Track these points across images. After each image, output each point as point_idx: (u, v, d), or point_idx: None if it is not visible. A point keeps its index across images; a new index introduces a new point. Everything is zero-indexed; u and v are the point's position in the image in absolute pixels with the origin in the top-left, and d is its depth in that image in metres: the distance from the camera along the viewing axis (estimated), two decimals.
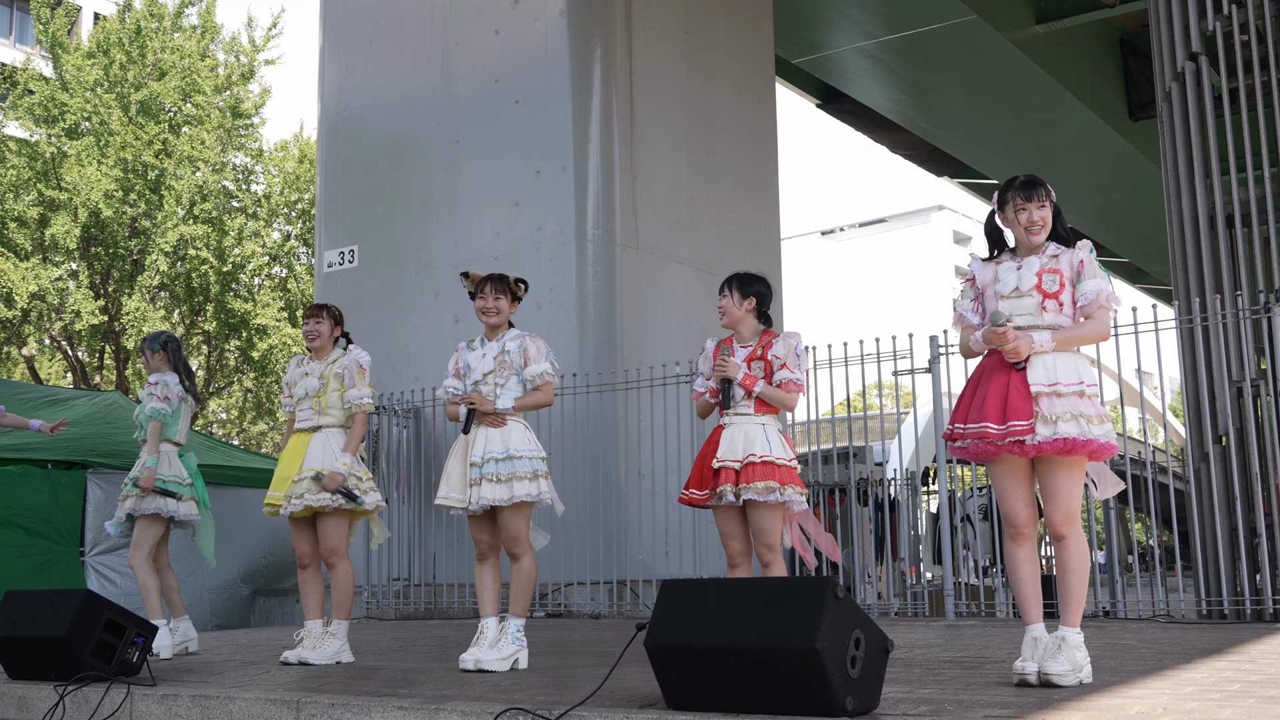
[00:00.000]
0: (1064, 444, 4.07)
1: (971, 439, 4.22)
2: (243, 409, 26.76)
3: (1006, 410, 4.14)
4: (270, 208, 23.54)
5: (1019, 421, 4.10)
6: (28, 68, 22.74)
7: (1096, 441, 4.09)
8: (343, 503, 5.88)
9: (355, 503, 5.89)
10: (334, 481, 5.83)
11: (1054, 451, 4.09)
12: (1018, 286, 4.26)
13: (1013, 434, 4.11)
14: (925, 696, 3.96)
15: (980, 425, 4.18)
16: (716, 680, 3.65)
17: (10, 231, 21.03)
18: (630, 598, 9.22)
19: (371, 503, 6.00)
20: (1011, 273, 4.30)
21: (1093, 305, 4.22)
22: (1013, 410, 4.12)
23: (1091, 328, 4.23)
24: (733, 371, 5.24)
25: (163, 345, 7.02)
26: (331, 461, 5.90)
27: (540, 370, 5.46)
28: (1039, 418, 4.09)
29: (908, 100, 17.66)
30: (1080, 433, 4.07)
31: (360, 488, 5.95)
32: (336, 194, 11.79)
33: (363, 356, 6.10)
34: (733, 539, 5.28)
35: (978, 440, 4.20)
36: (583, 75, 10.56)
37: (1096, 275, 4.25)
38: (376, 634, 8.06)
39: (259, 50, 23.29)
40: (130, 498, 6.77)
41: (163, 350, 7.01)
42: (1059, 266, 4.25)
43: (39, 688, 5.22)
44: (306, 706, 4.39)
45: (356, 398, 6.00)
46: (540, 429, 8.77)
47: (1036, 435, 4.08)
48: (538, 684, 4.72)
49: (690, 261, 11.07)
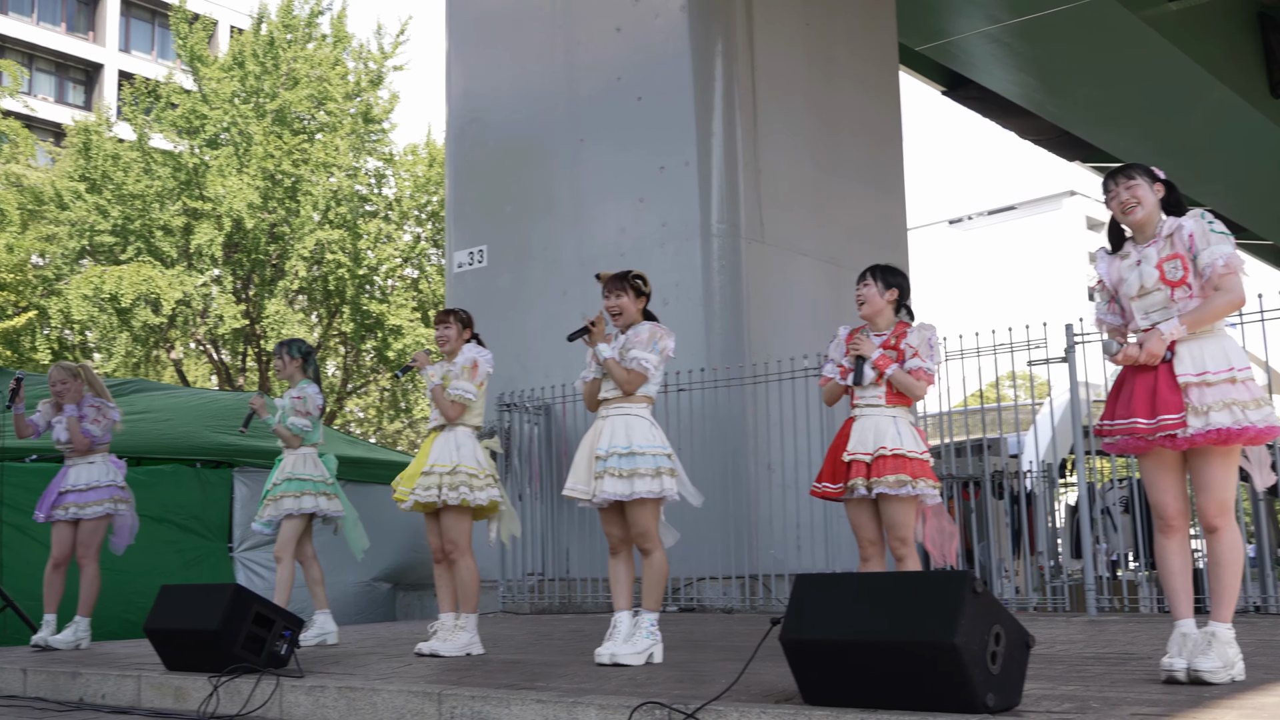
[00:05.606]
0: (1218, 435, 3.91)
1: (1121, 434, 4.10)
2: (379, 408, 27.41)
3: (1155, 404, 4.00)
4: (401, 211, 24.05)
5: (1169, 415, 3.97)
6: (170, 81, 23.60)
7: (1254, 428, 3.91)
8: (450, 498, 5.97)
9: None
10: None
11: (1208, 443, 3.94)
12: (1142, 284, 4.12)
13: (1163, 428, 3.97)
14: (1069, 693, 3.88)
15: (1130, 421, 4.05)
16: (853, 675, 3.62)
17: (157, 240, 21.88)
18: (762, 592, 9.20)
19: (484, 499, 6.10)
20: (1132, 270, 4.15)
21: (1216, 275, 4.00)
22: (1162, 404, 3.99)
23: (1222, 300, 4.01)
24: (868, 350, 5.18)
25: (303, 355, 7.26)
26: (450, 458, 6.03)
27: (637, 356, 5.41)
28: (1190, 409, 3.95)
29: (1035, 84, 17.25)
30: (1235, 421, 3.90)
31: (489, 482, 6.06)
32: (465, 195, 12.00)
33: (481, 355, 6.20)
34: (865, 532, 5.23)
35: (1128, 436, 4.08)
36: (704, 69, 10.56)
37: (1211, 242, 4.03)
38: (512, 628, 8.19)
39: (388, 57, 23.81)
40: (286, 498, 7.04)
41: (302, 359, 7.25)
42: (1176, 250, 4.07)
43: (194, 678, 5.42)
44: (448, 699, 4.48)
45: (456, 389, 6.11)
46: (668, 424, 8.81)
47: (1189, 429, 3.93)
48: (672, 678, 4.74)
49: (816, 254, 10.99)
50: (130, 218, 21.79)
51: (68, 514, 7.35)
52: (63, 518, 7.36)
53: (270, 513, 7.11)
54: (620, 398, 5.43)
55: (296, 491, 7.08)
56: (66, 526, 7.41)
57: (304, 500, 7.08)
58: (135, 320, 21.17)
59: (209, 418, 10.62)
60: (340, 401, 26.01)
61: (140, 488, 8.83)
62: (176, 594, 5.93)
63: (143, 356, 22.58)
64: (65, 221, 21.93)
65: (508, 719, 4.28)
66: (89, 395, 7.47)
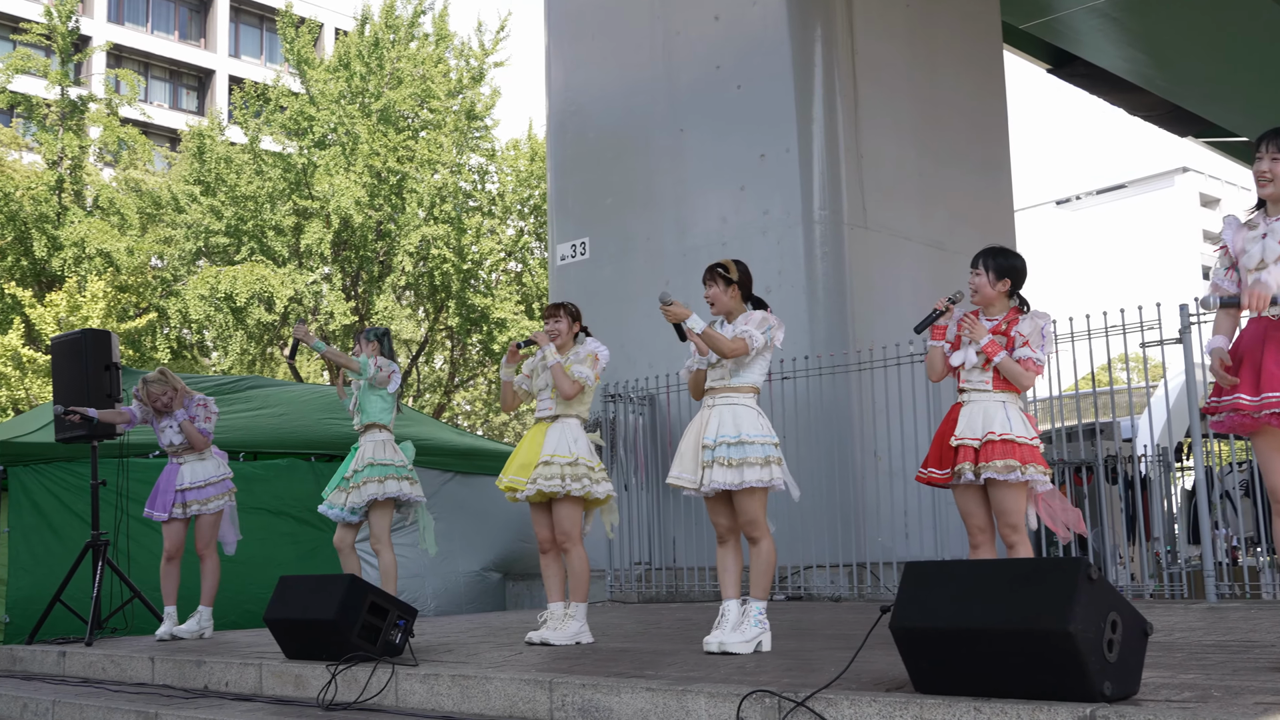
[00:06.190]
0: None
1: (1225, 411, 4.01)
2: (486, 401, 27.75)
3: (1261, 380, 3.90)
4: (504, 205, 24.30)
5: (1274, 393, 3.87)
6: (278, 85, 24.15)
7: None
8: (574, 489, 6.02)
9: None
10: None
11: None
12: (1263, 259, 4.00)
13: (1267, 405, 3.87)
14: (1189, 682, 3.79)
15: (1234, 397, 3.96)
16: (965, 663, 3.58)
17: (269, 240, 22.44)
18: (870, 580, 9.14)
19: (602, 492, 6.14)
20: (1256, 243, 4.03)
21: None
22: (1267, 380, 3.89)
23: None
24: (979, 333, 5.09)
25: (379, 338, 7.30)
26: (569, 449, 6.08)
27: (740, 329, 5.40)
28: None
29: (1145, 59, 16.77)
30: None
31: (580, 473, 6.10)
32: (566, 188, 12.09)
33: (600, 349, 6.26)
34: (974, 519, 5.14)
35: (1232, 413, 3.98)
36: (804, 56, 10.48)
37: None
38: (621, 617, 8.25)
39: (489, 53, 24.06)
40: (370, 483, 7.05)
41: (377, 342, 7.29)
42: None
43: (312, 667, 5.56)
44: (559, 687, 4.53)
45: (579, 371, 6.15)
46: (773, 412, 8.79)
47: None
48: (782, 666, 4.73)
49: (920, 238, 10.86)
50: (243, 218, 22.37)
51: (187, 512, 7.58)
52: (181, 516, 7.60)
53: (355, 500, 7.06)
54: (726, 387, 5.42)
55: (380, 477, 7.06)
56: (180, 524, 7.64)
57: (388, 485, 7.06)
58: (250, 318, 21.74)
59: (322, 412, 10.87)
60: (448, 394, 26.43)
61: (257, 481, 9.10)
62: (294, 585, 6.09)
63: (257, 354, 23.19)
64: (181, 224, 22.59)
65: (618, 707, 4.31)
66: (186, 397, 7.69)
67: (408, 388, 25.65)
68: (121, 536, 8.34)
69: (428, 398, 26.41)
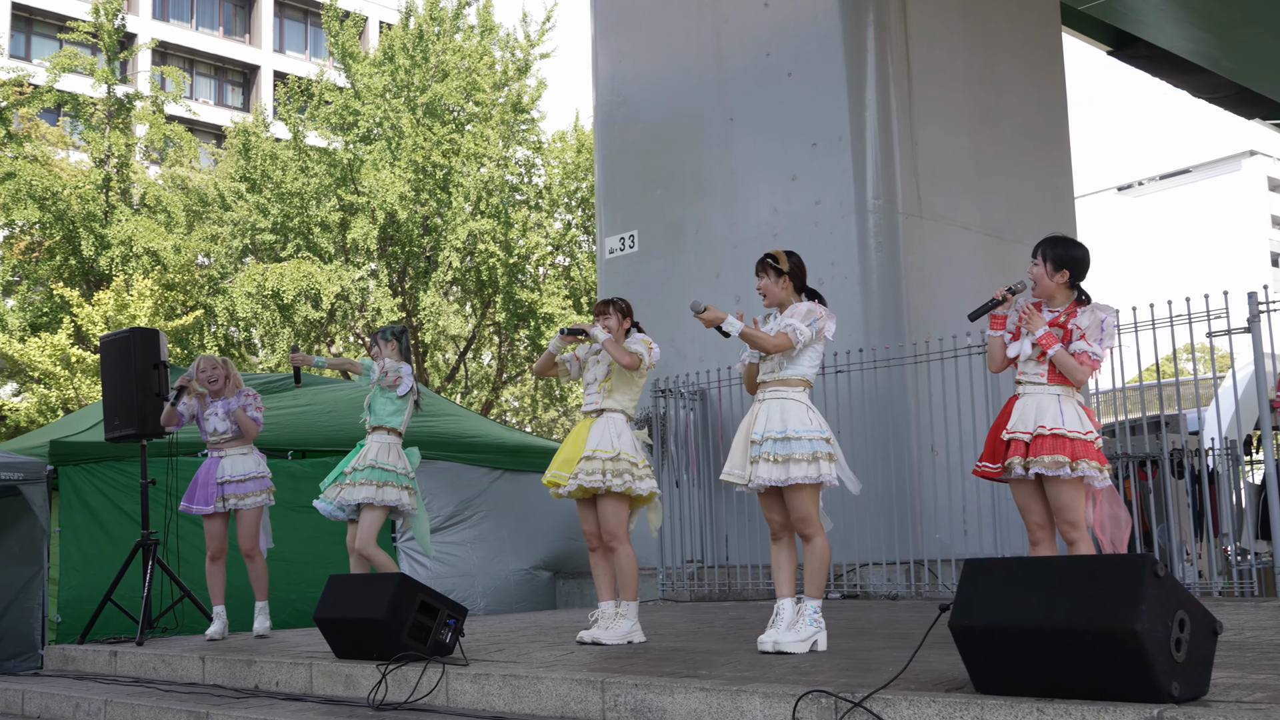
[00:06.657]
0: None
1: None
2: (534, 397, 27.75)
3: None
4: (551, 198, 24.27)
5: None
6: (322, 79, 24.24)
7: None
8: (615, 484, 5.91)
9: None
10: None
11: None
12: None
13: None
14: (1261, 682, 3.67)
15: None
16: (1027, 663, 3.51)
17: (315, 236, 22.53)
18: (928, 578, 8.96)
19: (644, 489, 6.03)
20: None
21: None
22: None
23: None
24: (1036, 325, 4.96)
25: (396, 336, 7.24)
26: (612, 444, 5.97)
27: (784, 323, 5.29)
28: None
29: (1209, 39, 16.40)
30: None
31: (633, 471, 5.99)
32: (614, 180, 11.98)
33: (653, 345, 6.17)
34: (1032, 515, 5.06)
35: None
36: (856, 42, 10.31)
37: None
38: (673, 616, 8.15)
39: (534, 45, 24.02)
40: (365, 485, 6.96)
41: (395, 340, 7.22)
42: None
43: (362, 666, 5.52)
44: (611, 687, 4.46)
45: (635, 342, 6.08)
46: (826, 406, 8.65)
47: None
48: (838, 666, 4.64)
49: (978, 227, 10.66)
50: (289, 215, 22.47)
51: (226, 505, 7.56)
52: (222, 509, 7.58)
53: (346, 496, 6.97)
54: (777, 380, 5.32)
55: (378, 481, 6.97)
56: (221, 519, 7.62)
57: (386, 491, 6.97)
58: (296, 316, 21.86)
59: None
60: (496, 391, 26.44)
61: (306, 480, 9.06)
62: (344, 584, 6.05)
63: (305, 351, 23.33)
64: (228, 221, 22.74)
65: (671, 707, 4.24)
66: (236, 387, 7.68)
67: (455, 384, 25.70)
68: (171, 535, 8.35)
69: (475, 394, 26.46)
